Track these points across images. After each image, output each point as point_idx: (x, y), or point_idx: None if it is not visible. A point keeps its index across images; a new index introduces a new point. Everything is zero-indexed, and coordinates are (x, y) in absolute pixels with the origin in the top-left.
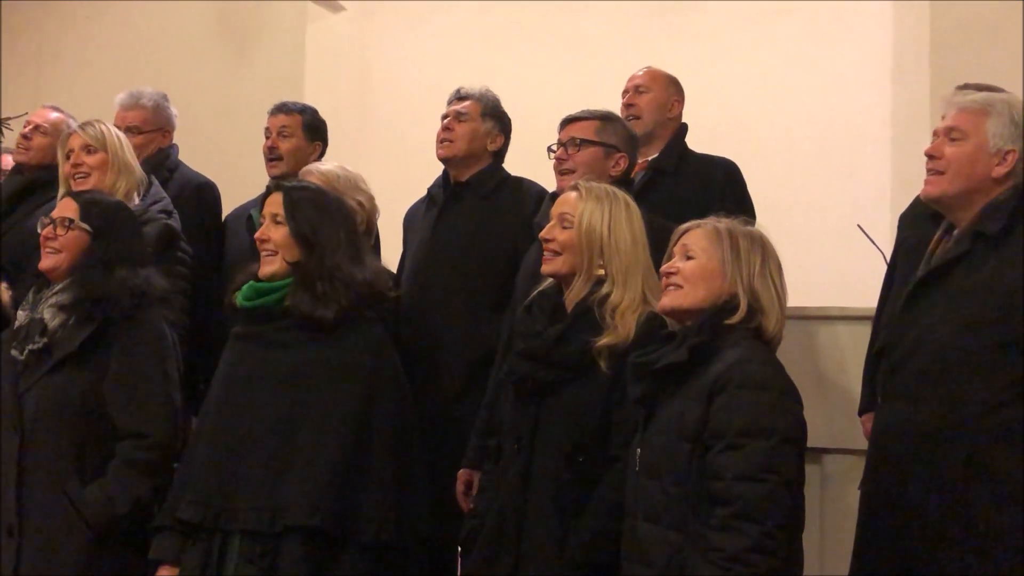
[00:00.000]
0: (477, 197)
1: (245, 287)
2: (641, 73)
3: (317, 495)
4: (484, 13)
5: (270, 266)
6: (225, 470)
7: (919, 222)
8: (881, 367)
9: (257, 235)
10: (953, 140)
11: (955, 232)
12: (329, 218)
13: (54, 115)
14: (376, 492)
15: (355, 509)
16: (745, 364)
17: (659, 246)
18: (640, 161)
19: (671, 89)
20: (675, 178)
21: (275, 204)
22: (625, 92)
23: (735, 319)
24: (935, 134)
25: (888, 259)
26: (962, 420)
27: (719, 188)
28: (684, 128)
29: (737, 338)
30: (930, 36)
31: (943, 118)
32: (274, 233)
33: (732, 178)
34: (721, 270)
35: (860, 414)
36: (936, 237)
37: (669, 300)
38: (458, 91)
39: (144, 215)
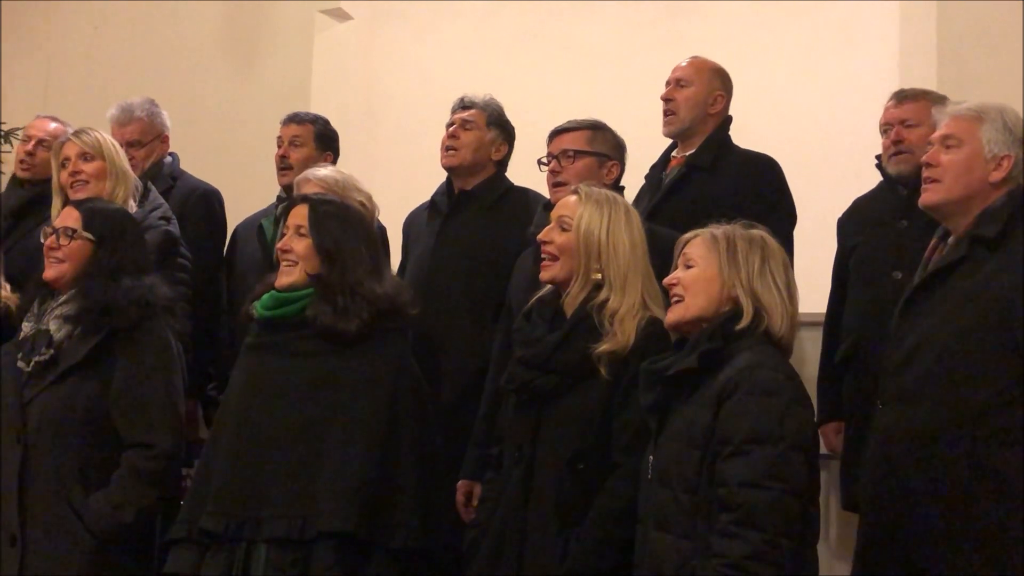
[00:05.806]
0: (482, 207)
1: (265, 297)
2: (685, 64)
3: (349, 501)
4: (490, 22)
5: (289, 276)
6: (249, 479)
7: (866, 228)
8: (879, 372)
9: (279, 245)
10: (949, 147)
11: (951, 238)
12: (353, 233)
13: (53, 125)
14: (403, 498)
15: (384, 515)
16: (754, 370)
17: (659, 254)
18: (679, 156)
19: (715, 83)
20: (710, 174)
21: (300, 216)
22: (667, 84)
23: (743, 323)
24: (930, 143)
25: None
26: (962, 421)
27: (754, 186)
28: (727, 122)
29: (747, 343)
30: (937, 43)
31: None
32: (297, 244)
33: (769, 175)
34: (719, 275)
35: (820, 425)
36: (932, 244)
37: (672, 315)
38: (462, 100)
39: (144, 222)
